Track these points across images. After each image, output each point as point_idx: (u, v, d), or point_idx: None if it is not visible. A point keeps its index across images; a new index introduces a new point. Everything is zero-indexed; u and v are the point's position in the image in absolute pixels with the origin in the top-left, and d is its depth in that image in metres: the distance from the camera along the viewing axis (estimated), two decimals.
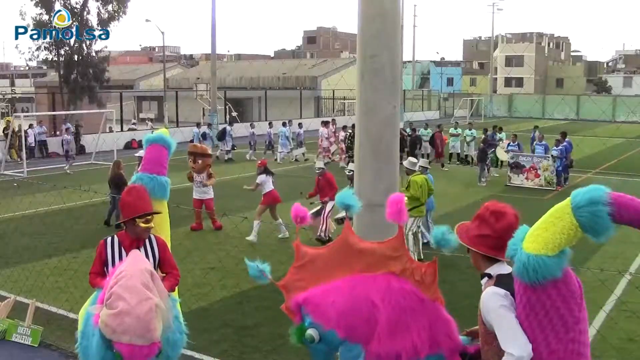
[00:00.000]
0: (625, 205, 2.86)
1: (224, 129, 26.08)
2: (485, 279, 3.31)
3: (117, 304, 3.96)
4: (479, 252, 3.29)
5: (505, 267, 3.28)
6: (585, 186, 2.97)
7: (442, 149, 22.78)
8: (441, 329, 3.46)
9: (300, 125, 26.10)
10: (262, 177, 11.87)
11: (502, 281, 3.17)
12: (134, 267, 4.24)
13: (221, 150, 25.57)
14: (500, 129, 22.63)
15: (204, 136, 25.66)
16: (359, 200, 3.79)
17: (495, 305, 3.10)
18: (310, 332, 3.43)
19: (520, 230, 3.12)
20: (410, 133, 22.96)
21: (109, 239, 4.86)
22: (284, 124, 25.31)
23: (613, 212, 2.84)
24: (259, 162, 12.46)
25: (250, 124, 26.81)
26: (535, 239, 2.99)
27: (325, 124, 24.17)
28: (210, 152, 13.46)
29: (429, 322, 3.46)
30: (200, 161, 12.58)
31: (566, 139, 19.19)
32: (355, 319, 3.43)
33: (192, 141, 26.72)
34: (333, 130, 24.35)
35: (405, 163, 10.88)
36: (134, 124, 39.05)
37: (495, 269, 3.27)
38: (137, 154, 14.02)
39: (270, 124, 26.77)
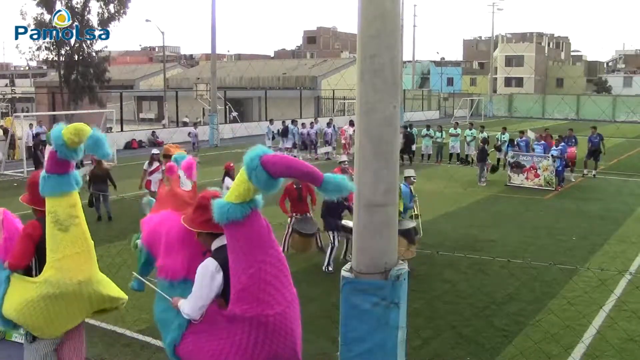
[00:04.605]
0: (274, 165, 3.66)
1: (287, 126, 25.87)
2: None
3: None
4: (210, 232, 4.01)
5: (224, 239, 3.98)
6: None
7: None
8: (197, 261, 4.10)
9: (333, 127, 25.87)
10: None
11: (218, 253, 3.96)
12: None
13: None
14: (505, 129, 22.61)
15: (280, 133, 25.58)
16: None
17: (201, 272, 3.89)
18: (138, 241, 4.92)
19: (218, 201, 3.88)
20: (401, 131, 22.72)
21: None
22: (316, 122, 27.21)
23: (269, 172, 3.66)
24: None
25: (311, 123, 26.42)
26: (230, 192, 3.84)
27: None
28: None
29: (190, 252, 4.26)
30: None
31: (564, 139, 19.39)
32: (155, 240, 4.54)
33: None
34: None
35: None
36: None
37: (216, 243, 4.05)
38: (153, 151, 14.33)
39: (311, 124, 26.53)
